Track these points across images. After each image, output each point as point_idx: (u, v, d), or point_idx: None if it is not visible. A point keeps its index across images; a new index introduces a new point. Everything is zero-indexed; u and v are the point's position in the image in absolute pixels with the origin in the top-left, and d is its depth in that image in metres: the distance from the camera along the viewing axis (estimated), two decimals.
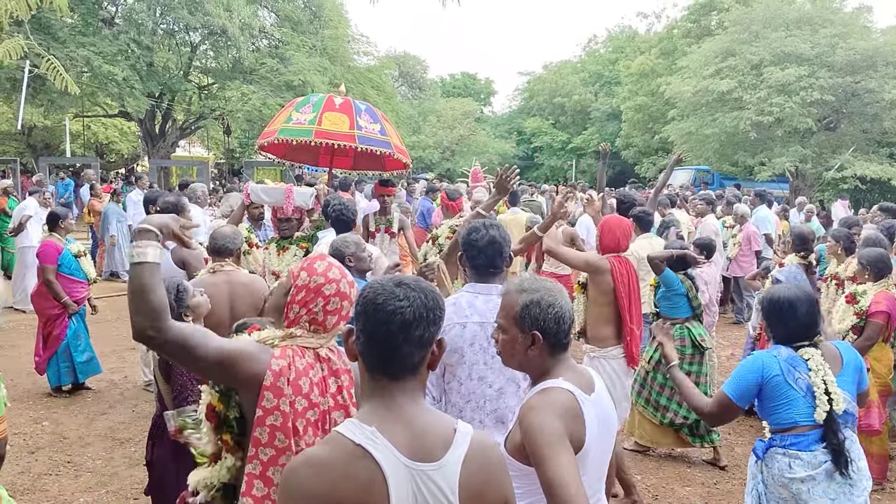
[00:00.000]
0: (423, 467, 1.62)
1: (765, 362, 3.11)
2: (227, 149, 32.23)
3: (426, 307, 1.69)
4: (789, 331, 3.15)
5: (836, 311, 5.64)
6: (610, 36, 48.13)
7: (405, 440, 1.63)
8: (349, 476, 1.56)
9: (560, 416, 2.09)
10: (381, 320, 1.66)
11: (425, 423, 1.69)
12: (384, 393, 1.69)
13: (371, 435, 1.60)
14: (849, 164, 21.14)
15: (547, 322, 2.22)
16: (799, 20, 22.48)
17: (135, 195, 13.36)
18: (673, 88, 24.95)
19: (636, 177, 31.08)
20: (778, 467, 3.07)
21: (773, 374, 3.07)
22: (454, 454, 1.67)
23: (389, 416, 1.65)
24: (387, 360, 1.68)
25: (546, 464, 1.99)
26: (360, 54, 29.64)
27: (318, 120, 7.05)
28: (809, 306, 3.14)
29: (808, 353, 3.09)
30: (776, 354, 3.12)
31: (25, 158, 27.70)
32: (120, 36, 19.90)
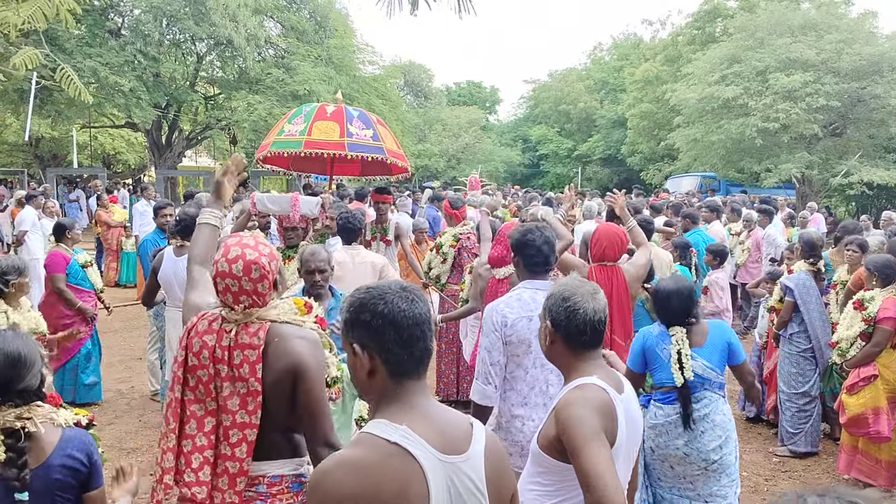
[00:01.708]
0: (454, 460, 1.69)
1: (644, 337, 4.01)
2: None
3: (425, 302, 1.79)
4: (666, 314, 3.97)
5: (844, 317, 5.61)
6: (615, 43, 48.18)
7: (434, 435, 1.69)
8: (387, 474, 1.61)
9: (597, 412, 2.16)
10: (413, 325, 1.72)
11: (447, 419, 1.77)
12: (406, 393, 1.74)
13: (405, 433, 1.65)
14: (855, 170, 21.04)
15: (558, 315, 2.32)
16: (804, 26, 22.43)
17: (141, 206, 13.40)
18: (678, 95, 24.90)
19: (641, 183, 31.02)
20: (651, 415, 3.94)
21: (647, 344, 3.96)
22: (476, 447, 1.76)
23: (415, 414, 1.71)
24: (421, 359, 1.76)
25: (584, 456, 2.05)
26: (365, 63, 29.74)
27: (309, 130, 7.03)
28: (682, 298, 3.92)
29: (673, 331, 3.92)
30: (651, 331, 4.03)
31: (33, 169, 27.81)
32: (126, 47, 20.01)
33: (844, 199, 28.61)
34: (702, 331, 3.96)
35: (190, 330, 2.56)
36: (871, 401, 5.24)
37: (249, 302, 2.52)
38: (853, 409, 5.28)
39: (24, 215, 11.18)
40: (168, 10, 20.43)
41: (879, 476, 5.33)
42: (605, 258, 4.70)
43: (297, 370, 2.48)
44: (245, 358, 2.47)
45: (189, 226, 5.86)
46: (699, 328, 3.97)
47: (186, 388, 2.53)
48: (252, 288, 2.50)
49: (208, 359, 2.49)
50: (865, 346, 5.31)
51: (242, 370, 2.46)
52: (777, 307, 6.39)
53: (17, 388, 2.30)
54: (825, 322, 6.21)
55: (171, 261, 5.77)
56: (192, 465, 2.47)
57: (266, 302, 2.56)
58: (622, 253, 4.78)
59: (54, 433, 2.34)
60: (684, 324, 3.93)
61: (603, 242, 4.71)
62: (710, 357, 3.88)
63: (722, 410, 3.89)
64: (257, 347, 2.46)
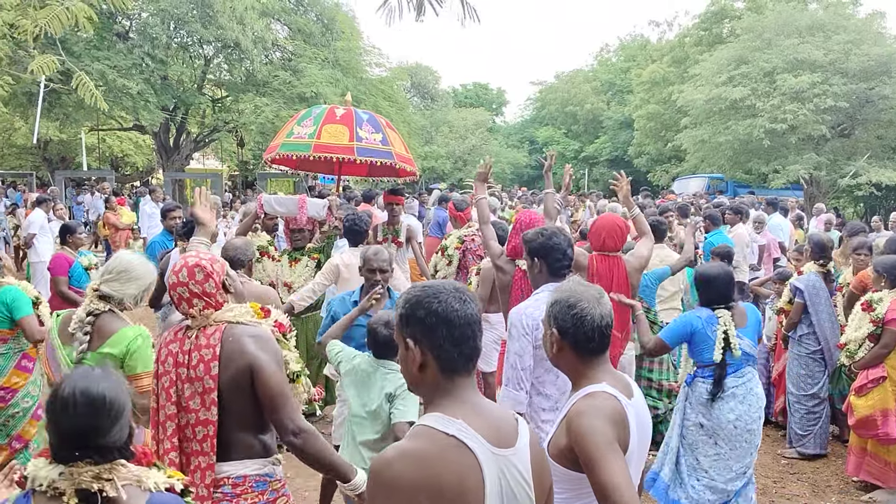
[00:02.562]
0: (505, 453, 1.77)
1: (691, 321, 4.36)
2: (241, 161, 32.40)
3: (476, 303, 1.87)
4: (709, 297, 4.36)
5: (852, 318, 5.58)
6: (622, 44, 48.11)
7: (487, 429, 1.76)
8: (448, 465, 1.68)
9: (609, 421, 2.14)
10: (465, 324, 1.79)
11: (496, 413, 1.85)
12: (459, 389, 1.81)
13: (461, 426, 1.72)
14: (863, 171, 20.95)
15: (565, 322, 2.27)
16: (812, 27, 22.35)
17: (149, 208, 13.45)
18: (685, 96, 24.85)
19: (648, 185, 30.95)
20: (698, 392, 4.35)
21: (698, 328, 4.31)
22: (523, 440, 1.83)
23: (468, 409, 1.78)
24: (471, 357, 1.82)
25: (599, 468, 2.04)
26: (372, 66, 29.75)
27: (318, 133, 6.99)
28: (724, 282, 4.34)
29: (720, 313, 4.30)
30: (699, 315, 4.36)
31: (41, 172, 27.93)
32: (134, 50, 20.10)
33: (853, 201, 28.47)
34: (741, 313, 4.41)
35: (158, 342, 2.81)
36: (880, 402, 5.21)
37: (203, 304, 2.71)
38: (862, 411, 5.26)
39: (33, 218, 11.20)
40: (175, 14, 20.50)
41: (888, 478, 5.30)
42: (605, 248, 4.68)
43: (252, 367, 2.62)
44: (201, 358, 2.64)
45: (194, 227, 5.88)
46: (738, 311, 4.39)
47: (156, 396, 2.75)
48: (200, 290, 2.70)
49: (172, 365, 2.69)
50: (874, 347, 5.29)
51: (198, 370, 2.63)
52: (786, 308, 6.37)
53: (99, 442, 1.89)
54: (834, 324, 6.18)
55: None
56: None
57: (220, 303, 2.75)
58: (623, 243, 4.75)
59: (140, 498, 1.92)
60: (727, 305, 4.31)
61: (602, 233, 4.67)
62: (751, 335, 4.39)
63: (759, 383, 4.42)
64: (213, 347, 2.63)
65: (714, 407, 4.25)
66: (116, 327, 3.42)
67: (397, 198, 7.48)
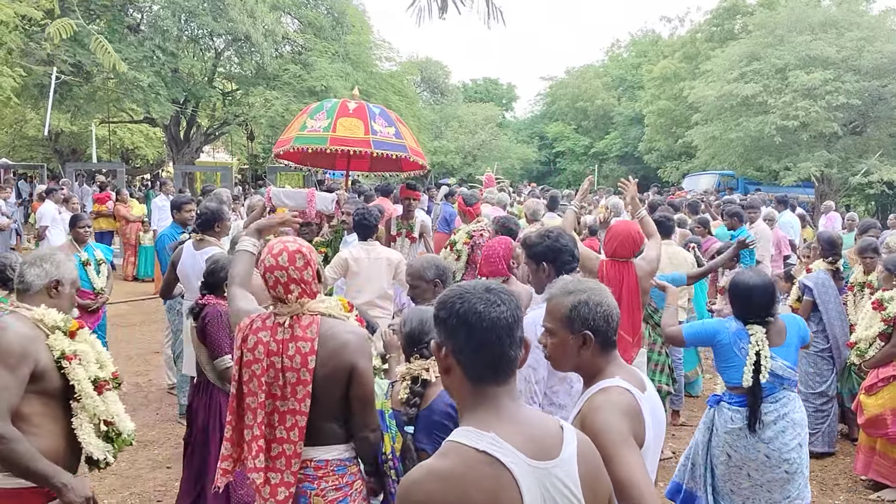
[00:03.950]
0: (546, 465, 1.65)
1: (718, 329, 3.87)
2: (251, 154, 32.50)
3: (518, 308, 1.75)
4: (744, 310, 3.83)
5: (863, 317, 5.56)
6: (633, 40, 47.92)
7: (523, 441, 1.64)
8: (477, 483, 1.57)
9: (624, 416, 2.11)
10: (487, 327, 1.68)
11: (535, 423, 1.72)
12: (492, 399, 1.70)
13: (493, 440, 1.61)
14: (875, 169, 20.83)
15: (597, 321, 2.22)
16: (824, 23, 22.21)
17: (160, 200, 13.50)
18: (696, 93, 24.74)
19: (659, 181, 30.85)
20: (724, 419, 3.83)
21: (722, 340, 3.82)
22: (568, 450, 1.71)
23: (502, 420, 1.67)
24: (496, 365, 1.70)
25: (616, 463, 1.98)
26: (382, 60, 29.78)
27: (333, 126, 7.00)
28: (764, 293, 3.79)
29: (752, 329, 3.77)
30: (727, 326, 3.85)
31: (52, 164, 28.07)
32: (145, 42, 20.15)
33: (864, 199, 28.33)
34: (779, 329, 3.84)
35: (243, 329, 2.74)
36: (890, 401, 5.19)
37: (300, 291, 2.71)
38: (872, 410, 5.24)
39: (43, 210, 11.27)
40: (186, 6, 20.54)
41: (892, 476, 5.28)
42: (616, 255, 4.69)
43: (351, 366, 2.68)
44: (298, 349, 2.65)
45: (209, 220, 5.88)
46: (777, 327, 3.83)
47: (242, 383, 2.73)
48: (299, 276, 2.70)
49: (263, 353, 2.67)
50: (885, 346, 5.26)
51: (295, 361, 2.64)
52: (795, 306, 6.34)
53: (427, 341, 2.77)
54: (843, 322, 6.16)
55: (191, 255, 5.79)
56: (252, 452, 2.68)
57: (314, 292, 2.76)
58: (635, 251, 4.73)
59: (440, 384, 2.62)
60: (764, 321, 3.80)
61: (616, 241, 4.69)
62: (788, 355, 3.81)
63: (799, 408, 3.84)
64: (311, 340, 2.65)
65: (740, 437, 3.75)
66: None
67: (414, 192, 7.48)
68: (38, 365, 2.82)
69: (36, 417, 2.82)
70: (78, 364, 2.90)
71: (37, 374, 2.81)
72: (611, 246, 4.71)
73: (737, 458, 3.77)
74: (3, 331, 2.79)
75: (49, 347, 2.88)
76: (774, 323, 3.82)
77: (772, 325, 3.80)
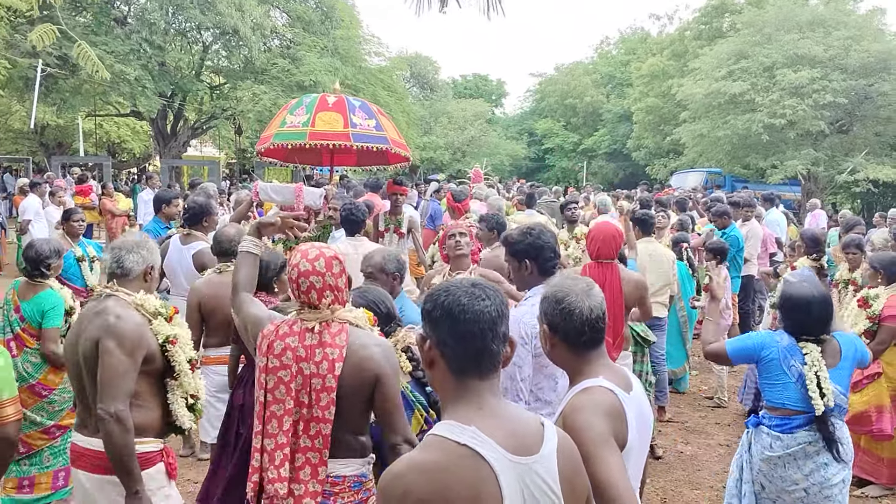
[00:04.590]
0: (526, 461, 1.67)
1: (766, 342, 3.54)
2: (239, 149, 32.32)
3: (503, 304, 1.76)
4: (799, 326, 3.49)
5: (848, 315, 5.59)
6: (622, 37, 48.05)
7: (504, 436, 1.66)
8: (458, 476, 1.60)
9: (605, 416, 2.10)
10: (470, 320, 1.70)
11: (517, 419, 1.75)
12: (474, 393, 1.72)
13: (474, 434, 1.63)
14: (861, 168, 20.98)
15: (553, 317, 2.24)
16: (812, 22, 22.32)
17: (146, 195, 13.42)
18: (684, 90, 24.83)
19: (647, 178, 30.94)
20: (762, 444, 3.50)
21: (769, 355, 3.49)
22: (548, 446, 1.73)
23: (484, 414, 1.69)
24: (479, 359, 1.72)
25: (594, 464, 1.98)
26: (371, 55, 29.66)
27: (312, 121, 6.96)
28: (823, 307, 3.46)
29: (807, 348, 3.44)
30: (778, 340, 3.51)
31: (38, 157, 27.85)
32: (132, 35, 19.99)
33: (850, 197, 28.49)
34: (834, 350, 3.51)
35: (268, 336, 2.67)
36: (875, 398, 5.22)
37: (332, 297, 2.67)
38: (856, 407, 5.26)
39: (27, 204, 11.15)
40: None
41: (881, 474, 5.32)
42: (601, 255, 4.69)
43: (378, 378, 2.62)
44: (325, 356, 2.59)
45: (197, 214, 5.83)
46: (832, 347, 3.51)
47: (267, 391, 2.66)
48: (334, 283, 2.67)
49: (291, 359, 2.61)
50: (870, 343, 5.29)
51: (322, 367, 2.59)
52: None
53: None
54: None
55: (178, 249, 5.75)
56: (274, 462, 2.61)
57: (345, 300, 2.73)
58: (618, 251, 4.74)
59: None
60: (818, 339, 3.48)
61: (597, 241, 4.67)
62: (841, 380, 3.49)
63: (848, 439, 3.52)
64: (340, 347, 2.60)
65: (777, 467, 3.43)
66: None
67: (401, 188, 7.47)
68: (149, 349, 3.06)
69: (142, 394, 3.07)
70: (178, 347, 3.15)
71: (147, 357, 3.05)
72: (594, 248, 4.70)
73: (771, 489, 3.49)
74: (121, 319, 3.01)
75: (153, 332, 3.11)
76: (829, 342, 3.51)
77: (826, 345, 3.49)
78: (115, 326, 2.99)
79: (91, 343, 2.99)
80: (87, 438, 3.03)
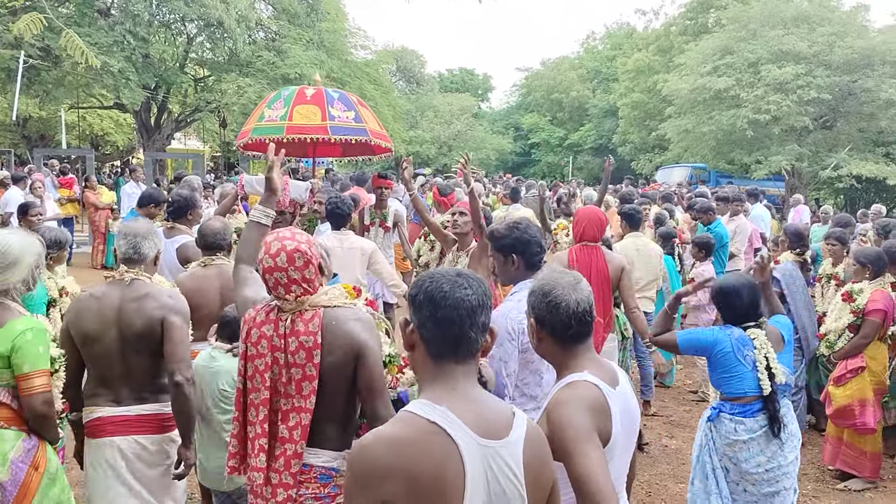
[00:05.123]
0: (493, 444, 1.71)
1: (718, 338, 3.67)
2: (223, 142, 32.10)
3: (485, 295, 1.82)
4: (735, 312, 3.70)
5: (832, 309, 5.63)
6: (608, 32, 48.14)
7: (474, 419, 1.71)
8: (426, 452, 1.64)
9: (589, 411, 2.10)
10: (451, 306, 1.76)
11: (488, 404, 1.80)
12: (449, 376, 1.78)
13: (444, 413, 1.69)
14: (845, 163, 21.13)
15: (540, 310, 2.25)
16: (797, 18, 22.44)
17: (129, 188, 13.30)
18: (670, 86, 24.92)
19: (632, 173, 31.05)
20: (725, 430, 3.65)
21: (723, 349, 3.63)
22: (516, 433, 1.77)
23: (457, 396, 1.74)
24: (456, 344, 1.77)
25: (575, 458, 2.00)
26: (357, 48, 29.47)
27: (289, 115, 6.92)
28: (751, 292, 3.71)
29: (754, 334, 3.63)
30: (729, 333, 3.66)
31: (20, 150, 27.53)
32: (115, 27, 19.76)
33: (833, 192, 28.72)
34: (776, 336, 3.72)
35: (248, 322, 2.65)
36: (858, 392, 5.26)
37: (301, 290, 2.60)
38: (840, 401, 5.31)
39: (8, 196, 11.00)
40: None
41: (863, 467, 5.36)
42: (585, 237, 4.82)
43: (357, 352, 2.57)
44: (301, 344, 2.55)
45: (182, 207, 5.78)
46: (773, 333, 3.71)
47: (246, 378, 2.65)
48: (300, 276, 2.58)
49: (266, 348, 2.58)
50: (854, 337, 5.33)
51: (298, 356, 2.55)
52: None
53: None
54: (811, 312, 6.23)
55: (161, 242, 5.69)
56: (254, 451, 2.61)
57: (316, 288, 2.65)
58: (602, 234, 4.92)
59: None
60: (756, 322, 3.69)
61: (582, 223, 4.86)
62: (787, 361, 3.71)
63: (795, 417, 3.74)
64: (313, 334, 2.55)
65: (742, 450, 3.61)
66: (3, 320, 3.02)
67: (386, 182, 7.43)
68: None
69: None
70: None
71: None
72: (578, 230, 4.88)
73: (735, 472, 3.65)
74: (175, 298, 3.44)
75: None
76: (768, 328, 3.72)
77: (767, 329, 3.71)
78: (174, 304, 3.39)
79: (151, 322, 3.30)
80: (138, 406, 3.37)
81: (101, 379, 3.38)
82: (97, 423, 3.35)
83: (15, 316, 3.03)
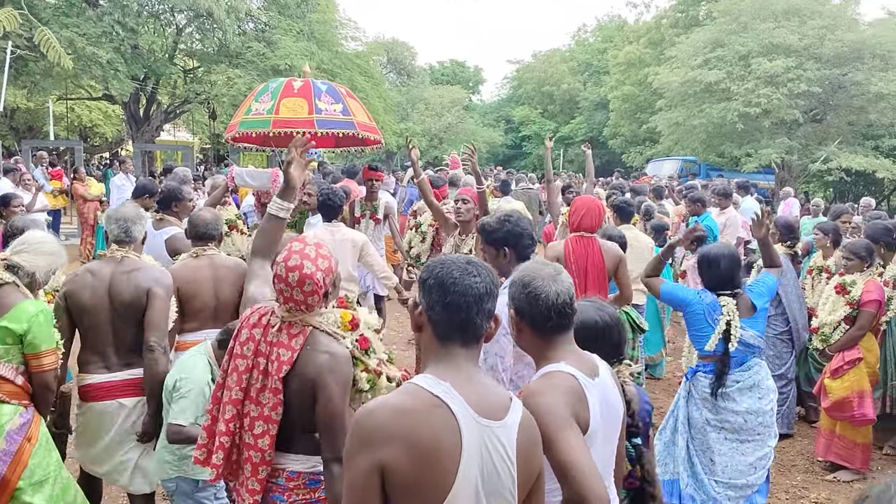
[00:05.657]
0: (490, 424, 1.79)
1: (692, 299, 4.14)
2: (213, 133, 31.92)
3: (492, 283, 1.91)
4: (714, 279, 4.10)
5: (825, 302, 5.64)
6: (599, 25, 48.12)
7: (474, 398, 1.80)
8: (427, 422, 1.73)
9: (565, 398, 2.09)
10: (459, 292, 1.84)
11: (489, 387, 1.89)
12: (453, 357, 1.86)
13: (447, 389, 1.77)
14: (834, 156, 21.21)
15: (520, 301, 2.24)
16: (787, 11, 22.45)
17: (118, 179, 13.22)
18: (661, 78, 24.93)
19: (623, 166, 31.09)
20: (701, 385, 4.17)
21: (695, 310, 4.11)
22: (512, 417, 1.85)
23: (460, 376, 1.83)
24: (462, 328, 1.86)
25: (557, 446, 1.98)
26: (348, 39, 29.34)
27: (276, 108, 6.86)
28: (730, 262, 4.08)
29: (724, 301, 4.04)
30: (703, 297, 4.12)
31: (8, 141, 27.30)
32: (104, 17, 19.58)
33: (823, 185, 28.83)
34: (746, 303, 4.10)
35: (244, 319, 2.67)
36: (856, 384, 5.27)
37: (298, 310, 2.61)
38: (838, 393, 5.30)
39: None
40: None
41: (855, 458, 5.38)
42: (582, 227, 4.80)
43: (315, 383, 2.55)
44: (278, 356, 2.56)
45: (167, 198, 5.75)
46: (744, 302, 4.09)
47: (226, 373, 2.66)
48: (302, 299, 2.58)
49: (251, 351, 2.60)
50: (850, 329, 5.34)
51: (272, 366, 2.56)
52: None
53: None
54: (802, 304, 6.25)
55: (150, 234, 5.65)
56: (214, 446, 2.62)
57: (313, 308, 2.65)
58: (599, 224, 4.91)
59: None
60: (732, 292, 4.07)
61: (580, 212, 4.84)
62: (757, 325, 4.10)
63: (768, 374, 4.19)
64: (292, 350, 2.56)
65: (720, 401, 4.07)
66: (15, 301, 3.24)
67: (376, 174, 7.41)
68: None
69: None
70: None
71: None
72: (575, 219, 4.85)
73: (716, 420, 4.09)
74: (164, 273, 3.85)
75: None
76: (742, 297, 4.09)
77: (740, 298, 4.07)
78: (161, 277, 3.76)
79: (138, 292, 3.63)
80: (124, 372, 3.68)
81: (94, 348, 3.70)
82: (88, 389, 3.70)
83: (23, 298, 3.29)
